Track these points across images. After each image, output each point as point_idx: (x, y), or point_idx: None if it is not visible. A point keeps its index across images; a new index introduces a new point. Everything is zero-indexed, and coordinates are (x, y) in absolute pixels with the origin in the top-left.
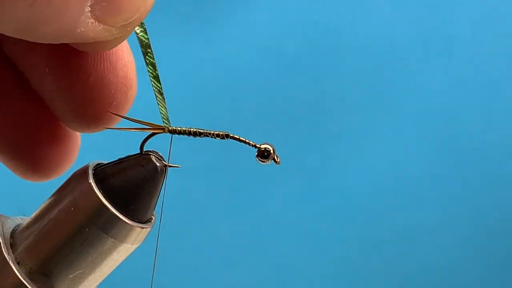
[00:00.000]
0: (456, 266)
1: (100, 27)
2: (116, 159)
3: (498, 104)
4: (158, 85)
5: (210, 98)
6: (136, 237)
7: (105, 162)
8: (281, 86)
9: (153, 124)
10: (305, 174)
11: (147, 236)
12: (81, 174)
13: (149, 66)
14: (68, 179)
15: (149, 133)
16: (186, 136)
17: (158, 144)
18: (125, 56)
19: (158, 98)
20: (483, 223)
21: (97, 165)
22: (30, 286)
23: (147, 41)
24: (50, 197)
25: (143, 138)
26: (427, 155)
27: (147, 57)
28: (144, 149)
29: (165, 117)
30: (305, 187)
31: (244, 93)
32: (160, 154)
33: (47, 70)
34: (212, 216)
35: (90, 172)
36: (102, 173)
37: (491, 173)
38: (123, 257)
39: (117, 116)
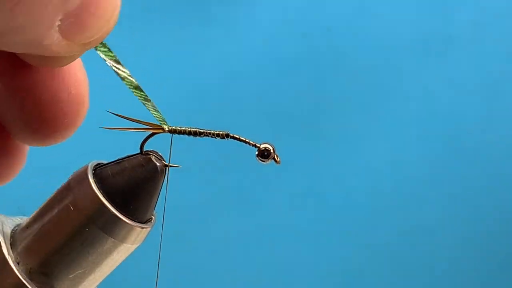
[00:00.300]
0: (456, 266)
1: (64, 42)
2: (116, 159)
3: (498, 104)
4: (142, 93)
5: (210, 98)
6: (136, 237)
7: (105, 162)
8: (281, 86)
9: (153, 124)
10: (305, 174)
11: (147, 236)
12: (81, 174)
13: (125, 80)
14: (68, 179)
15: (149, 133)
16: (186, 136)
17: (158, 144)
18: (78, 73)
19: (146, 105)
20: (483, 223)
21: (97, 165)
22: (30, 286)
23: (114, 57)
24: (50, 197)
25: (143, 138)
26: (427, 155)
27: (119, 72)
28: (144, 149)
29: (160, 119)
30: (304, 187)
31: (244, 93)
32: (160, 154)
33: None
34: (212, 216)
35: (90, 172)
36: (102, 173)
37: (491, 173)
38: (123, 257)
39: (68, 130)
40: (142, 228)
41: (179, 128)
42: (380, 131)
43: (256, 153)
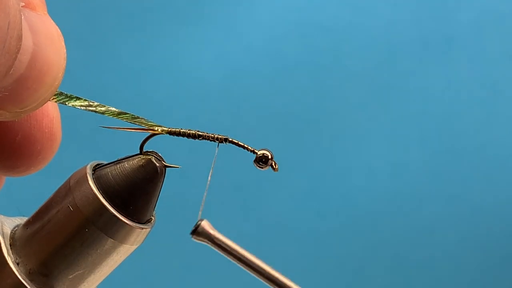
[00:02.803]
0: (455, 266)
1: None
2: (115, 159)
3: (498, 104)
4: (128, 115)
5: (209, 98)
6: (135, 238)
7: (105, 162)
8: (281, 85)
9: (152, 125)
10: (305, 175)
11: (146, 236)
12: (80, 175)
13: (106, 113)
14: (68, 179)
15: (149, 134)
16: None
17: (158, 145)
18: (50, 112)
19: (137, 122)
20: (483, 223)
21: (96, 165)
22: (30, 287)
23: (82, 100)
24: (50, 198)
25: (143, 139)
26: (427, 155)
27: (97, 110)
28: (144, 150)
29: (157, 125)
30: (305, 187)
31: (243, 93)
32: (159, 154)
33: None
34: (213, 216)
35: (90, 172)
36: (102, 173)
37: (490, 173)
38: (123, 258)
39: (42, 164)
40: (142, 228)
41: (178, 130)
42: (380, 131)
43: (254, 159)
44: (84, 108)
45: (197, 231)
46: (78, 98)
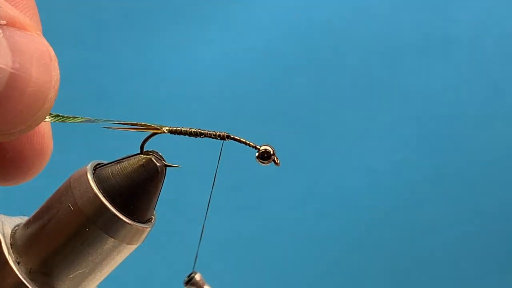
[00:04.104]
0: (455, 266)
1: None
2: (116, 159)
3: (498, 104)
4: (128, 122)
5: (210, 98)
6: (136, 237)
7: (105, 162)
8: (281, 85)
9: (153, 124)
10: (305, 174)
11: (147, 236)
12: (81, 174)
13: (111, 128)
14: (68, 179)
15: (149, 133)
16: (186, 136)
17: (158, 144)
18: (41, 129)
19: (139, 128)
20: (483, 223)
21: (97, 165)
22: (30, 286)
23: (79, 118)
24: (50, 197)
25: (144, 138)
26: (427, 155)
27: (96, 122)
28: (144, 149)
29: (158, 126)
30: (305, 187)
31: (243, 93)
32: (160, 154)
33: None
34: (212, 216)
35: (90, 171)
36: (102, 173)
37: (490, 173)
38: (123, 257)
39: (31, 177)
40: (142, 228)
41: (179, 129)
42: (380, 131)
43: (256, 154)
44: (88, 121)
45: (191, 282)
46: (75, 117)
